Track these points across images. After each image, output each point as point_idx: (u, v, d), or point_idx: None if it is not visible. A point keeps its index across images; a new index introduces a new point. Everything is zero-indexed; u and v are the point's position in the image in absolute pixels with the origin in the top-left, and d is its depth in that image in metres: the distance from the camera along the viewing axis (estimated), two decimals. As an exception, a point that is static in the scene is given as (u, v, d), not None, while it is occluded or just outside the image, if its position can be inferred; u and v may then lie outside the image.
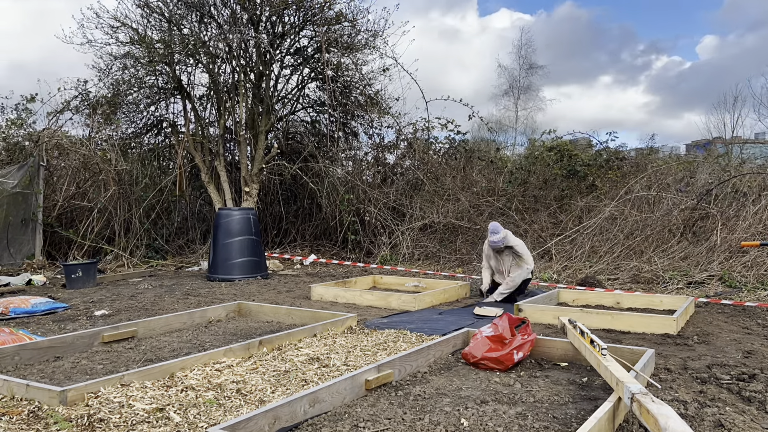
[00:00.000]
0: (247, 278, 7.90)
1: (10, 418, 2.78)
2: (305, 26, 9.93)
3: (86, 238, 9.29)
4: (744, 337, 4.58)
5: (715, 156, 11.10)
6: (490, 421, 2.77)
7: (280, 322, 5.19)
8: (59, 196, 9.62)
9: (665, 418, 2.30)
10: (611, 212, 8.75)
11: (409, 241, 9.59)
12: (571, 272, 7.78)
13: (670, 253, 7.78)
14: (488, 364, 3.63)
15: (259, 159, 9.95)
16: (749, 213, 7.90)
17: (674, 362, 3.80)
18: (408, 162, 11.22)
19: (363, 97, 10.79)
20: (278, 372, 3.54)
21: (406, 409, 2.92)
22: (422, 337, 4.52)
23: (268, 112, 10.08)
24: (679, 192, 9.14)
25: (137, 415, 2.80)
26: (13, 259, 9.06)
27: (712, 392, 3.19)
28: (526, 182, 10.41)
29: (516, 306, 5.34)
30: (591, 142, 11.74)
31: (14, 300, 5.71)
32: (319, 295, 6.41)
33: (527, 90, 31.42)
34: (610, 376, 3.03)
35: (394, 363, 3.40)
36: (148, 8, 9.41)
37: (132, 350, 4.17)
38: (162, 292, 6.95)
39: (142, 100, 10.35)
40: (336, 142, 11.05)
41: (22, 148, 9.91)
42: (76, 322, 5.21)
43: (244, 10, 9.33)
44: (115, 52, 9.58)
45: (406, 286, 7.14)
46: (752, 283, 6.72)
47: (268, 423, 2.58)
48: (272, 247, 10.93)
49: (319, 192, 10.38)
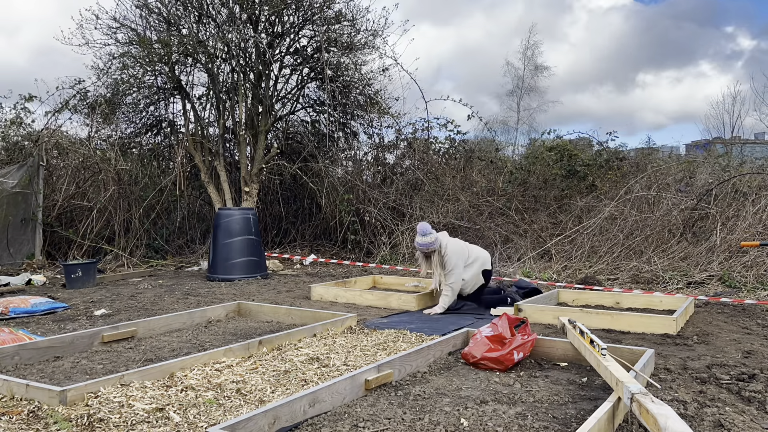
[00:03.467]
0: (246, 278, 7.90)
1: (10, 418, 2.78)
2: (305, 26, 9.92)
3: (86, 237, 9.28)
4: (744, 337, 4.58)
5: (715, 156, 11.11)
6: (489, 421, 2.77)
7: (279, 322, 5.19)
8: (59, 196, 9.61)
9: (665, 418, 2.30)
10: (611, 212, 8.75)
11: (408, 241, 9.58)
12: (570, 272, 7.78)
13: (670, 253, 7.78)
14: (488, 364, 3.63)
15: (258, 159, 9.94)
16: (749, 213, 7.90)
17: (674, 362, 3.80)
18: (408, 162, 11.22)
19: (363, 97, 10.79)
20: (278, 372, 3.54)
21: (406, 409, 2.92)
22: (422, 337, 4.52)
23: (267, 112, 10.08)
24: (679, 192, 9.15)
25: (137, 415, 2.80)
26: (12, 259, 9.05)
27: (712, 392, 3.19)
28: (526, 182, 10.41)
29: (516, 306, 5.35)
30: (591, 142, 11.76)
31: (14, 300, 5.71)
32: (319, 295, 6.41)
33: (531, 91, 31.34)
34: (609, 376, 3.03)
35: (393, 363, 3.40)
36: (146, 9, 9.41)
37: (132, 350, 4.17)
38: (162, 292, 6.95)
39: (142, 100, 10.35)
40: (336, 142, 11.05)
41: (22, 147, 9.90)
42: (75, 322, 5.21)
43: (243, 9, 9.32)
44: (114, 52, 9.59)
45: (406, 286, 7.14)
46: (752, 284, 6.73)
47: (268, 423, 2.58)
48: (272, 247, 10.93)
49: (318, 192, 10.38)
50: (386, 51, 10.40)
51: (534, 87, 31.31)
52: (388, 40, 10.35)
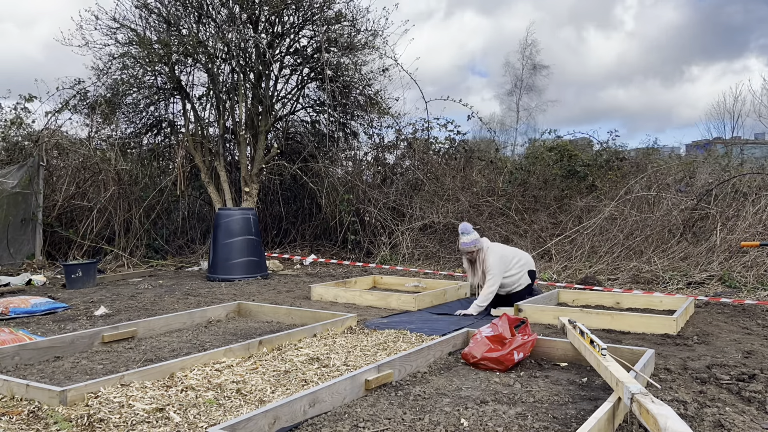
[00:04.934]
0: (247, 278, 7.90)
1: (10, 418, 2.78)
2: (305, 26, 9.92)
3: (86, 238, 9.29)
4: (744, 337, 4.58)
5: (715, 156, 11.11)
6: (489, 421, 2.77)
7: (280, 322, 5.19)
8: (59, 196, 9.61)
9: (665, 418, 2.30)
10: (611, 212, 8.75)
11: (408, 241, 9.59)
12: (570, 272, 7.78)
13: (670, 254, 7.78)
14: (488, 365, 3.63)
15: (258, 159, 9.95)
16: (749, 213, 7.90)
17: (674, 362, 3.80)
18: (408, 162, 11.22)
19: (363, 97, 10.79)
20: (278, 372, 3.54)
21: (406, 409, 2.93)
22: (422, 338, 4.52)
23: (267, 112, 10.08)
24: (679, 192, 9.14)
25: (137, 415, 2.80)
26: (12, 259, 9.06)
27: (712, 392, 3.19)
28: (526, 182, 10.42)
29: (516, 306, 5.35)
30: (591, 142, 11.76)
31: (14, 300, 5.71)
32: (319, 295, 6.41)
33: (530, 90, 31.34)
34: (609, 377, 3.03)
35: (394, 363, 3.40)
36: (146, 9, 9.41)
37: (132, 350, 4.17)
38: (162, 292, 6.95)
39: (142, 101, 10.35)
40: (336, 142, 11.04)
41: (22, 148, 9.90)
42: (76, 322, 5.21)
43: (243, 9, 9.32)
44: (113, 52, 9.59)
45: (406, 286, 7.15)
46: (752, 284, 6.73)
47: (268, 423, 2.58)
48: (272, 247, 10.93)
49: (318, 192, 10.38)
50: (386, 51, 10.36)
51: (533, 86, 31.35)
52: (388, 40, 10.31)
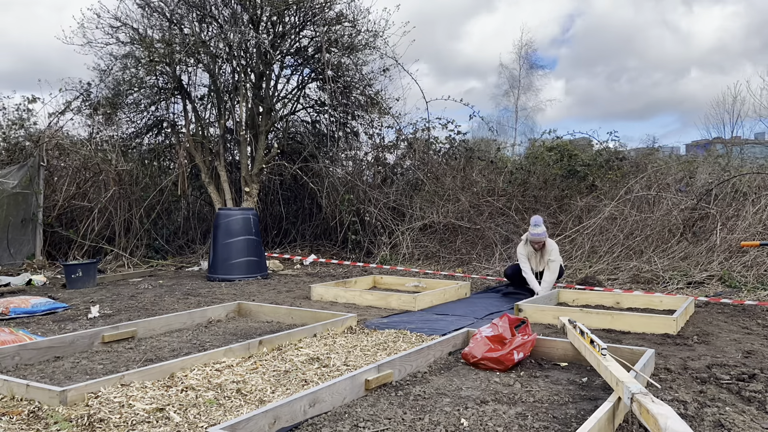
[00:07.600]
0: (247, 278, 7.90)
1: (10, 418, 2.78)
2: (306, 26, 9.92)
3: (86, 238, 9.29)
4: (744, 337, 4.58)
5: (715, 156, 11.10)
6: (490, 421, 2.77)
7: (280, 322, 5.20)
8: (59, 196, 9.61)
9: (665, 418, 2.30)
10: (611, 212, 8.75)
11: (409, 241, 9.58)
12: (571, 272, 7.78)
13: (670, 253, 7.78)
14: (488, 364, 3.63)
15: (259, 159, 9.95)
16: (749, 213, 7.90)
17: (674, 362, 3.80)
18: (408, 162, 11.22)
19: (363, 97, 10.79)
20: (278, 372, 3.54)
21: (406, 409, 2.93)
22: (422, 337, 4.52)
23: (268, 112, 10.08)
24: (679, 192, 9.14)
25: (137, 415, 2.80)
26: (13, 259, 9.06)
27: (712, 392, 3.19)
28: (526, 182, 10.41)
29: (516, 306, 5.35)
30: (591, 141, 11.75)
31: (14, 300, 5.71)
32: (319, 295, 6.41)
33: (527, 90, 31.33)
34: (609, 376, 3.03)
35: (394, 363, 3.40)
36: (149, 8, 9.41)
37: (132, 350, 4.17)
38: (162, 292, 6.95)
39: (143, 100, 10.35)
40: (336, 142, 11.04)
41: (23, 148, 9.90)
42: (76, 322, 5.22)
43: (245, 9, 9.33)
44: (115, 52, 9.59)
45: (406, 286, 7.15)
46: (752, 283, 6.72)
47: (268, 423, 2.58)
48: (272, 247, 10.93)
49: (319, 192, 10.38)
50: (387, 51, 10.34)
51: (530, 85, 31.34)
52: (388, 41, 10.28)
